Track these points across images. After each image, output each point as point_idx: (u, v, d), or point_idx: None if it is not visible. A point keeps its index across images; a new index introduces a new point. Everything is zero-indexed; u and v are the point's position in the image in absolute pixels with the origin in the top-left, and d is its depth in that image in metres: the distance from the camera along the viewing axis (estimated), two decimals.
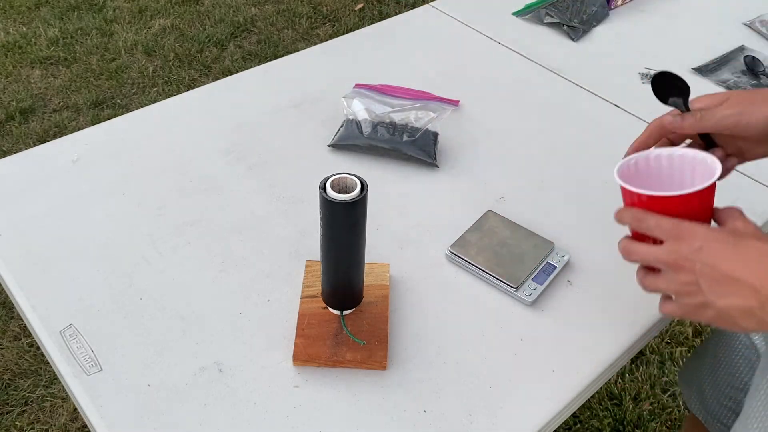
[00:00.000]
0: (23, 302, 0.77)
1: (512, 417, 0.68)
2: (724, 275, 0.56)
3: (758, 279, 0.55)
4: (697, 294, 0.58)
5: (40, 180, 0.92)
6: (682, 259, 0.59)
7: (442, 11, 1.35)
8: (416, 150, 0.96)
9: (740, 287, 0.56)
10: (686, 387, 1.06)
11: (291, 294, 0.79)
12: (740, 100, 0.65)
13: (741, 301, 0.56)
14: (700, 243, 0.58)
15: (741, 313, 0.56)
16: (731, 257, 0.57)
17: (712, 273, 0.57)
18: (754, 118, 0.64)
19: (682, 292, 0.60)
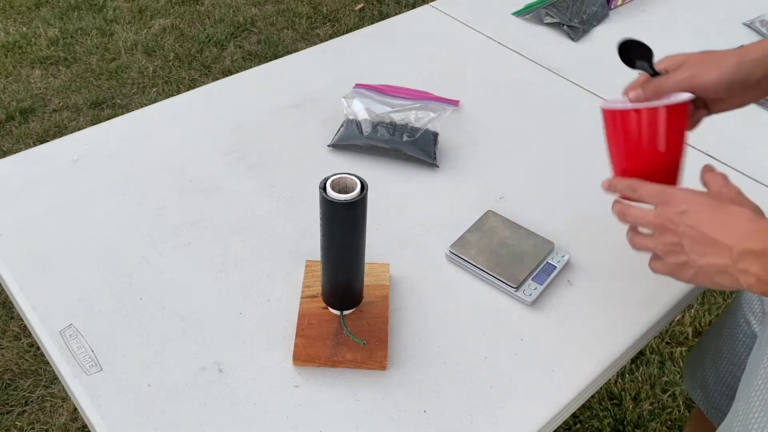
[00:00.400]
0: (23, 302, 0.77)
1: (512, 417, 0.68)
2: (704, 236, 0.62)
3: (732, 239, 0.60)
4: (680, 253, 0.64)
5: (40, 180, 0.92)
6: (668, 221, 0.64)
7: (442, 11, 1.35)
8: (416, 150, 0.96)
9: (717, 247, 0.61)
10: (690, 379, 1.06)
11: (291, 294, 0.79)
12: (694, 63, 0.72)
13: (717, 260, 0.61)
14: (684, 207, 0.63)
15: (716, 271, 0.61)
16: (711, 220, 0.62)
17: (693, 234, 0.62)
18: (705, 79, 0.70)
19: (667, 251, 0.65)
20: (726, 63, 0.70)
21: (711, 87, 0.71)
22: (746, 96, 0.73)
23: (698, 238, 0.62)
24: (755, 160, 1.02)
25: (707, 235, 0.61)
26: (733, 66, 0.70)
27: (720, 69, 0.70)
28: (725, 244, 0.60)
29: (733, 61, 0.70)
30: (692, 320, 1.79)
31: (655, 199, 0.66)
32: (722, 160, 1.02)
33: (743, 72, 0.70)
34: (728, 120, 1.11)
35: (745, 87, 0.71)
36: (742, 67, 0.70)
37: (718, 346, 0.98)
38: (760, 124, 1.10)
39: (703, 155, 1.03)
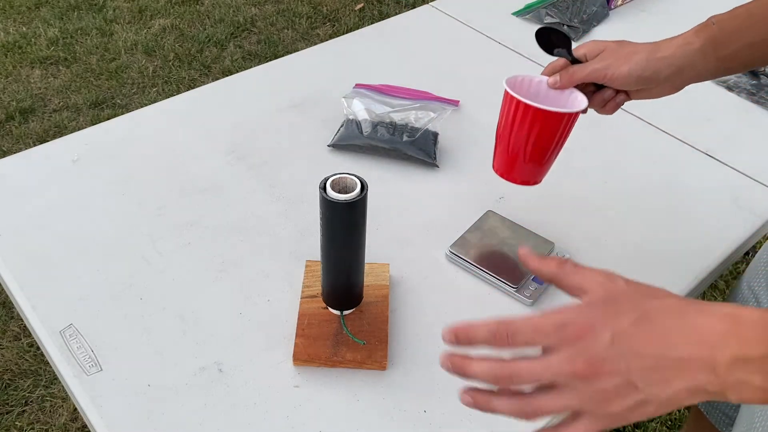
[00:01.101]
0: (23, 302, 0.77)
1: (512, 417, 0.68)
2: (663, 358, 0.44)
3: (707, 349, 0.44)
4: (629, 394, 0.45)
5: (40, 180, 0.92)
6: (595, 362, 0.45)
7: (442, 11, 1.35)
8: (416, 150, 0.96)
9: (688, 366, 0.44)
10: None
11: (291, 294, 0.79)
12: (609, 54, 0.73)
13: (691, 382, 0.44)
14: (608, 333, 0.45)
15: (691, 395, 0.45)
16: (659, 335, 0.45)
17: (644, 363, 0.45)
18: (616, 73, 0.72)
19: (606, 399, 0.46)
20: (636, 59, 0.72)
21: (621, 80, 0.73)
22: (658, 90, 0.74)
23: (655, 364, 0.44)
24: (754, 160, 1.02)
25: (668, 356, 0.44)
26: (642, 62, 0.71)
27: (630, 65, 0.72)
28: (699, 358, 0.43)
29: (642, 57, 0.72)
30: None
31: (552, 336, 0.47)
32: (721, 160, 1.02)
33: (651, 69, 0.71)
34: (728, 120, 1.11)
35: (654, 82, 0.73)
36: (650, 64, 0.71)
37: None
38: (760, 123, 1.10)
39: (702, 155, 1.03)
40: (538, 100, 0.75)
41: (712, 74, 0.73)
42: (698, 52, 0.71)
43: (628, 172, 0.99)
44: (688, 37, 0.72)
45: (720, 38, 0.70)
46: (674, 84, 0.73)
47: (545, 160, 0.77)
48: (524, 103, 0.72)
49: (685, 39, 0.72)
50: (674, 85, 0.74)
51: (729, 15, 0.71)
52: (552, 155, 0.77)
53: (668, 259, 0.86)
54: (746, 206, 0.94)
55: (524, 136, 0.74)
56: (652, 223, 0.91)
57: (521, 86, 0.78)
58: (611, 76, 0.73)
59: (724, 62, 0.71)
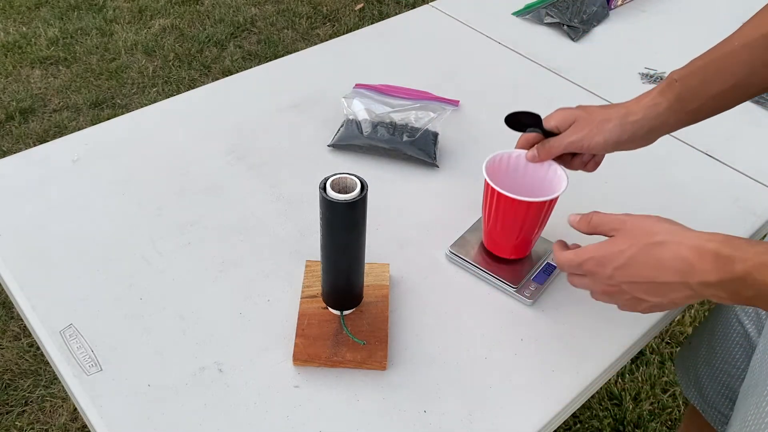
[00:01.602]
0: (23, 302, 0.77)
1: (512, 417, 0.68)
2: (651, 284, 0.62)
3: (680, 275, 0.60)
4: (640, 303, 0.65)
5: (40, 180, 0.92)
6: (608, 287, 0.66)
7: (442, 11, 1.35)
8: (416, 150, 0.96)
9: (672, 287, 0.61)
10: (683, 377, 1.06)
11: (291, 294, 0.79)
12: (582, 125, 0.76)
13: (678, 294, 0.61)
14: (609, 269, 0.64)
15: (684, 299, 0.62)
16: (644, 266, 0.62)
17: (640, 287, 0.63)
18: (594, 142, 0.76)
19: (626, 306, 0.67)
20: (609, 127, 0.75)
21: (599, 149, 0.76)
22: (637, 145, 0.77)
23: (647, 288, 0.63)
24: (754, 160, 1.02)
25: (654, 282, 0.62)
26: (617, 129, 0.75)
27: (604, 134, 0.75)
28: (677, 282, 0.60)
29: (615, 124, 0.75)
30: (692, 320, 1.79)
31: (574, 270, 0.68)
32: (721, 160, 1.02)
33: (626, 134, 0.75)
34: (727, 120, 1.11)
35: (632, 142, 0.76)
36: (625, 129, 0.75)
37: (711, 346, 0.98)
38: (759, 123, 1.10)
39: (702, 155, 1.03)
40: (517, 176, 0.81)
41: (684, 125, 0.77)
42: (667, 111, 0.74)
43: (628, 172, 0.99)
44: (655, 97, 0.75)
45: (685, 95, 0.74)
46: (648, 140, 0.77)
47: (531, 239, 0.81)
48: (498, 192, 0.75)
49: (652, 99, 0.75)
50: (648, 141, 0.77)
51: (689, 71, 0.74)
52: (535, 234, 0.80)
53: None
54: (746, 206, 0.94)
55: (500, 218, 0.78)
56: None
57: (500, 164, 0.81)
58: (588, 145, 0.76)
59: (693, 114, 0.75)
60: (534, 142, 0.80)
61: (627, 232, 0.64)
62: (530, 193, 0.79)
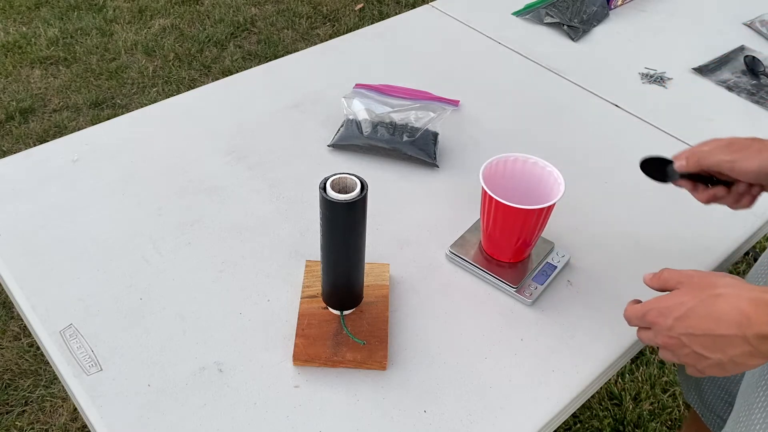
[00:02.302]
0: (23, 302, 0.77)
1: (512, 417, 0.68)
2: (708, 338, 0.60)
3: (737, 328, 0.58)
4: (700, 360, 0.62)
5: (40, 180, 0.92)
6: (668, 339, 0.64)
7: (442, 11, 1.35)
8: (416, 150, 0.96)
9: (729, 341, 0.59)
10: (685, 380, 1.06)
11: (291, 294, 0.79)
12: (738, 147, 0.73)
13: (737, 350, 0.59)
14: (671, 319, 0.62)
15: (743, 357, 0.59)
16: (702, 318, 0.61)
17: (697, 341, 0.61)
18: (746, 165, 0.72)
19: (688, 363, 0.64)
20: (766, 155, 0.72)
21: (751, 174, 0.73)
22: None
23: (705, 342, 0.61)
24: None
25: (711, 335, 0.60)
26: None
27: (760, 160, 0.72)
28: (734, 335, 0.59)
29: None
30: None
31: (638, 323, 0.67)
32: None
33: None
34: (728, 120, 1.11)
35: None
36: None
37: None
38: (760, 123, 1.10)
39: None
40: (514, 180, 0.81)
41: None
42: None
43: (628, 172, 0.99)
44: None
45: None
46: None
47: (530, 243, 0.80)
48: (496, 200, 0.75)
49: None
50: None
51: None
52: (533, 238, 0.80)
53: (668, 259, 0.86)
54: None
55: (498, 225, 0.78)
56: (651, 224, 0.91)
57: (497, 169, 0.81)
58: (739, 168, 0.73)
59: None
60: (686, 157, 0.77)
61: (691, 285, 0.63)
62: (528, 197, 0.80)
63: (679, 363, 0.65)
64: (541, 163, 0.81)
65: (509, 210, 0.75)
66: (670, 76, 1.20)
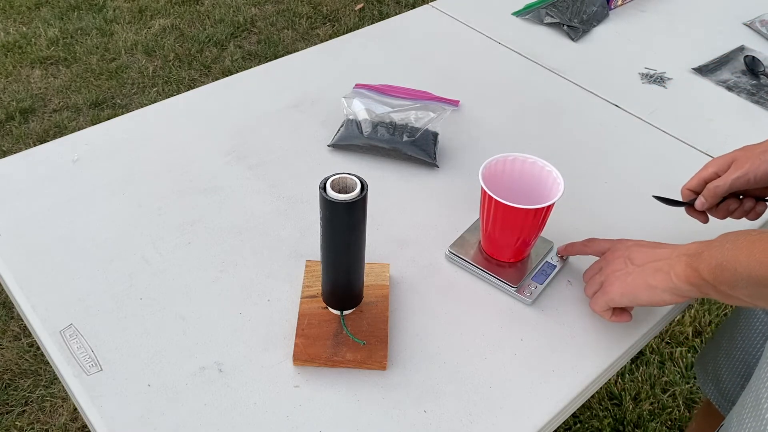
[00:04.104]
0: (23, 302, 0.77)
1: (512, 417, 0.68)
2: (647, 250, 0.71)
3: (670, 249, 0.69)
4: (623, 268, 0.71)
5: (40, 180, 0.92)
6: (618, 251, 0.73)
7: (442, 11, 1.35)
8: (416, 150, 0.96)
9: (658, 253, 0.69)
10: (702, 373, 1.06)
11: (291, 294, 0.79)
12: (743, 161, 0.75)
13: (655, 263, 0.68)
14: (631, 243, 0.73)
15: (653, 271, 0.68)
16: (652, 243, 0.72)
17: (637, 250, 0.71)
18: (760, 172, 0.74)
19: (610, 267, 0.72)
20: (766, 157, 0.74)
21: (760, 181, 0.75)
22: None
23: (641, 252, 0.70)
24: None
25: (649, 248, 0.70)
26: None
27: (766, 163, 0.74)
28: (665, 250, 0.68)
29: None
30: (692, 320, 1.79)
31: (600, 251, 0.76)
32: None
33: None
34: (728, 120, 1.11)
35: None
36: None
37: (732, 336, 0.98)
38: (760, 123, 1.10)
39: (702, 155, 1.03)
40: (514, 180, 0.81)
41: None
42: None
43: (628, 172, 0.99)
44: None
45: None
46: None
47: (530, 243, 0.81)
48: (496, 200, 0.75)
49: None
50: None
51: None
52: (533, 238, 0.80)
53: None
54: None
55: (498, 225, 0.78)
56: (652, 223, 0.91)
57: (496, 168, 0.81)
58: (754, 178, 0.75)
59: None
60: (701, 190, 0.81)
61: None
62: (528, 197, 0.79)
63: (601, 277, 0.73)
64: (540, 163, 0.81)
65: (509, 210, 0.75)
66: (670, 76, 1.20)
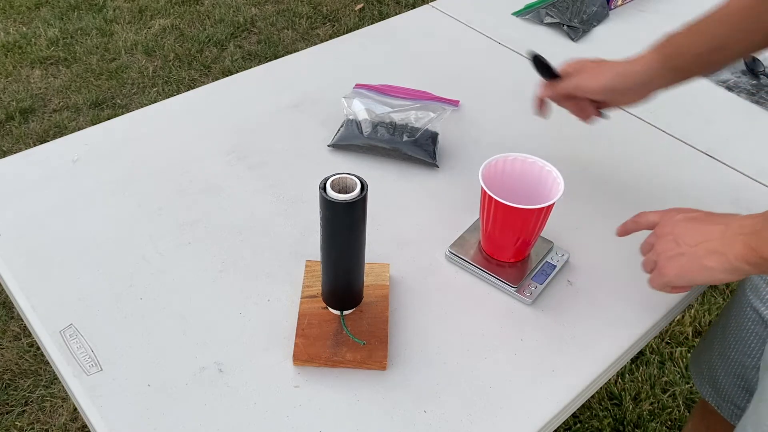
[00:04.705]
0: (23, 302, 0.77)
1: (512, 417, 0.68)
2: (696, 227, 0.70)
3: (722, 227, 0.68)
4: (673, 248, 0.71)
5: (40, 180, 0.92)
6: (665, 225, 0.74)
7: (442, 11, 1.35)
8: (416, 150, 0.96)
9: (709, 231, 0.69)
10: (698, 375, 1.06)
11: (291, 294, 0.79)
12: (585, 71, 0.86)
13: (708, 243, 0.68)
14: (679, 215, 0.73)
15: (708, 252, 0.68)
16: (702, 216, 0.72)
17: (686, 227, 0.71)
18: (588, 87, 0.86)
19: (662, 249, 0.73)
20: (607, 74, 0.84)
21: (592, 93, 0.86)
22: (625, 99, 0.87)
23: (691, 229, 0.70)
24: (754, 160, 1.02)
25: (699, 225, 0.70)
26: (613, 77, 0.84)
27: (600, 80, 0.84)
28: (717, 228, 0.68)
29: (613, 73, 0.84)
30: (692, 320, 1.79)
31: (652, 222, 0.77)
32: (721, 160, 1.02)
33: (620, 83, 0.84)
34: (728, 120, 1.11)
35: (621, 93, 0.85)
36: (619, 77, 0.84)
37: (725, 339, 0.98)
38: (760, 123, 1.10)
39: (702, 155, 1.03)
40: (514, 180, 0.82)
41: (671, 83, 0.84)
42: (657, 65, 0.82)
43: (628, 172, 0.99)
44: (649, 53, 0.83)
45: (671, 53, 0.82)
46: (640, 94, 0.85)
47: (530, 243, 0.81)
48: (496, 200, 0.76)
49: (646, 54, 0.83)
50: (640, 95, 0.85)
51: (679, 31, 0.82)
52: (533, 238, 0.80)
53: None
54: (746, 206, 0.94)
55: (498, 225, 0.78)
56: None
57: (496, 169, 0.81)
58: (584, 87, 0.86)
59: (678, 72, 0.82)
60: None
61: None
62: (527, 197, 0.79)
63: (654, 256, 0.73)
64: (540, 163, 0.81)
65: (509, 210, 0.75)
66: None
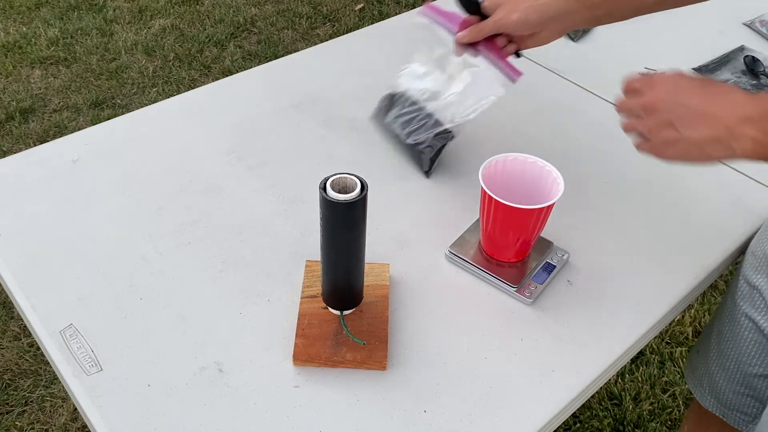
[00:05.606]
0: (23, 302, 0.77)
1: (512, 417, 0.68)
2: (696, 111, 0.66)
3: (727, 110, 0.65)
4: (669, 130, 0.68)
5: (40, 180, 0.92)
6: (658, 101, 0.70)
7: None
8: (414, 155, 0.96)
9: (711, 119, 0.65)
10: (697, 387, 1.05)
11: (291, 294, 0.79)
12: (504, 6, 0.86)
13: (710, 131, 0.65)
14: (672, 86, 0.69)
15: (709, 141, 0.66)
16: (702, 94, 0.67)
17: (685, 111, 0.67)
18: (507, 21, 0.85)
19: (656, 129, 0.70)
20: (522, 7, 0.84)
21: (512, 27, 0.86)
22: (543, 36, 0.87)
23: (690, 114, 0.66)
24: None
25: (699, 109, 0.65)
26: (526, 10, 0.84)
27: (518, 12, 0.84)
28: (719, 116, 0.64)
29: (529, 5, 0.84)
30: (692, 320, 1.79)
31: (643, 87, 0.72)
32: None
33: (535, 14, 0.84)
34: None
35: (537, 26, 0.85)
36: (535, 9, 0.84)
37: (720, 350, 0.97)
38: None
39: None
40: (513, 180, 0.82)
41: (586, 21, 0.86)
42: (572, 1, 0.83)
43: (628, 172, 0.99)
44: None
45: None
46: (556, 29, 0.86)
47: (530, 243, 0.81)
48: (496, 200, 0.76)
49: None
50: (556, 30, 0.87)
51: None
52: (534, 237, 0.80)
53: (668, 258, 0.86)
54: (746, 206, 0.94)
55: (498, 225, 0.79)
56: (651, 223, 0.91)
57: (496, 169, 0.81)
58: (505, 23, 0.86)
59: (592, 10, 0.84)
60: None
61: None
62: (527, 197, 0.79)
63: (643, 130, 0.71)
64: (540, 163, 0.81)
65: (509, 210, 0.75)
66: None
